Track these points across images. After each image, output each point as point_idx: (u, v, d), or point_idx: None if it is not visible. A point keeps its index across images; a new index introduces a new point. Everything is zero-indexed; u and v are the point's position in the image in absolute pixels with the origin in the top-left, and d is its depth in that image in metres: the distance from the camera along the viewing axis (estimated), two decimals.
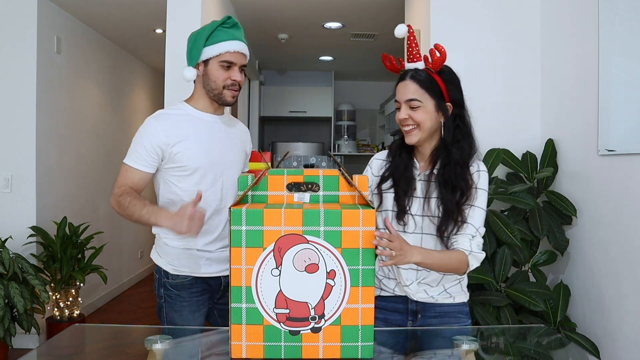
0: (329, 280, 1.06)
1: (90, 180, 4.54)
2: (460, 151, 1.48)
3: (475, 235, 1.47)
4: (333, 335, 1.07)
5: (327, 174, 1.14)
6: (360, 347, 1.08)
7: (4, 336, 2.93)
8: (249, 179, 1.14)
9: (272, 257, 1.05)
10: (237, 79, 1.73)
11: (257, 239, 1.05)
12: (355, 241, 1.05)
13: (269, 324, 1.07)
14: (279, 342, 1.07)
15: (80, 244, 3.70)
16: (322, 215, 1.04)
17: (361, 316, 1.07)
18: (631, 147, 2.06)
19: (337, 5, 3.86)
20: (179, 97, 2.86)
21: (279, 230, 1.04)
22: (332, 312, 1.07)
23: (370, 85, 6.98)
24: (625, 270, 2.08)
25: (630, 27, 2.10)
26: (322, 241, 1.05)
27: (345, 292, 1.06)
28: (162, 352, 1.25)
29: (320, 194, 1.14)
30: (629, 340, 2.05)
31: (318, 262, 1.05)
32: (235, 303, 1.06)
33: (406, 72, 1.52)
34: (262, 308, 1.06)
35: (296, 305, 1.06)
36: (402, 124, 1.51)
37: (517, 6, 2.78)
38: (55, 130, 3.87)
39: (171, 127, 1.70)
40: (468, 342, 1.34)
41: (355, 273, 1.06)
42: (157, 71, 6.24)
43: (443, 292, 1.54)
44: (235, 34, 1.72)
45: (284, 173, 1.14)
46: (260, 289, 1.06)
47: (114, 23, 4.31)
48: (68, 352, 1.39)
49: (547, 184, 2.55)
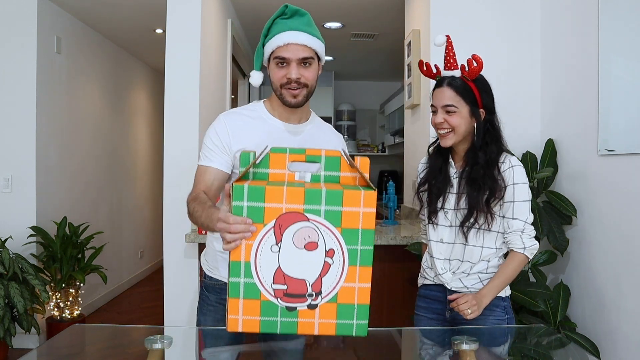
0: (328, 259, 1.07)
1: (91, 180, 4.54)
2: (487, 154, 1.61)
3: (524, 228, 1.61)
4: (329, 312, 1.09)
5: (329, 154, 1.15)
6: (355, 325, 1.09)
7: (4, 336, 2.93)
8: (251, 156, 1.14)
9: (273, 233, 1.06)
10: (292, 77, 1.48)
11: (258, 215, 1.05)
12: (356, 221, 1.06)
13: (266, 299, 1.08)
14: (276, 318, 1.09)
15: (80, 244, 3.70)
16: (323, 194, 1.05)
17: (357, 295, 1.08)
18: (631, 147, 2.06)
19: (337, 5, 3.86)
20: (179, 97, 2.88)
21: (281, 207, 1.05)
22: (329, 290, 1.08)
23: (370, 85, 6.98)
24: (626, 270, 2.08)
25: (630, 27, 2.10)
26: (323, 220, 1.06)
27: (343, 271, 1.07)
28: (162, 352, 1.25)
29: (322, 174, 1.15)
30: (629, 340, 2.05)
31: (317, 241, 1.06)
32: (233, 277, 1.07)
33: (443, 79, 1.66)
34: (260, 283, 1.07)
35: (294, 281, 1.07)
36: (437, 128, 1.65)
37: (517, 6, 2.78)
38: (55, 130, 3.87)
39: (237, 128, 1.54)
40: (468, 342, 1.34)
41: (354, 253, 1.07)
42: (157, 71, 6.24)
43: (478, 282, 1.65)
44: (290, 24, 1.47)
45: (286, 151, 1.14)
46: (259, 264, 1.07)
47: (114, 23, 4.31)
48: (68, 352, 1.39)
49: (547, 184, 2.55)
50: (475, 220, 1.60)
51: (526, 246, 1.60)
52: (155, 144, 6.29)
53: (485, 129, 1.63)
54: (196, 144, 2.81)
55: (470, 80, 1.61)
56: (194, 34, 2.85)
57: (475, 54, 1.58)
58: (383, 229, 2.90)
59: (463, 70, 1.62)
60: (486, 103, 1.63)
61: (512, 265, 1.61)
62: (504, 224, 1.63)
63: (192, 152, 2.78)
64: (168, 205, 2.81)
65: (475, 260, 1.64)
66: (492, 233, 1.63)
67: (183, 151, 2.81)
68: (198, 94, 2.85)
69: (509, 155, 1.65)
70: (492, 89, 1.67)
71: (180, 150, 2.82)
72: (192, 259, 2.78)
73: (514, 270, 1.61)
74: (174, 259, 2.80)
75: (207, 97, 3.07)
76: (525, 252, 1.61)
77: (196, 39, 2.85)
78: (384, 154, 6.74)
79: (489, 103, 1.64)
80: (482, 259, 1.64)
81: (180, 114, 2.84)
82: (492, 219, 1.60)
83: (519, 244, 1.61)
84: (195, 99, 2.85)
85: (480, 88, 1.63)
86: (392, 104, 5.82)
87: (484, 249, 1.63)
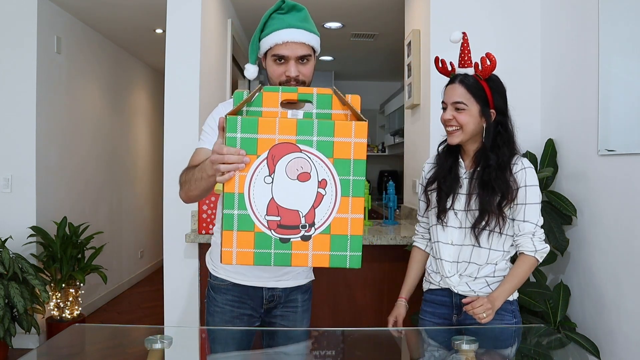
0: (320, 190, 1.07)
1: (91, 180, 4.54)
2: (498, 156, 1.59)
3: (535, 231, 1.59)
4: (322, 244, 1.09)
5: (321, 92, 1.15)
6: (348, 256, 1.09)
7: (4, 336, 2.93)
8: (244, 94, 1.14)
9: (265, 164, 1.07)
10: (291, 75, 1.48)
11: (251, 146, 1.06)
12: (347, 152, 1.07)
13: (260, 231, 1.08)
14: (269, 250, 1.09)
15: (80, 244, 3.70)
16: (315, 125, 1.06)
17: (350, 226, 1.09)
18: (631, 147, 2.06)
19: (337, 5, 3.86)
20: (179, 97, 2.88)
21: (273, 138, 1.06)
22: (322, 220, 1.08)
23: (370, 85, 6.98)
24: (626, 270, 2.08)
25: (630, 27, 2.10)
26: (315, 151, 1.07)
27: (336, 201, 1.08)
28: (162, 352, 1.25)
29: (314, 112, 1.15)
30: (629, 340, 2.05)
31: (310, 171, 1.07)
32: (227, 209, 1.08)
33: (456, 76, 1.63)
34: (254, 215, 1.08)
35: (287, 213, 1.08)
36: (446, 124, 1.63)
37: (517, 6, 2.78)
38: (55, 130, 3.87)
39: None
40: (468, 342, 1.34)
41: (346, 183, 1.08)
42: (157, 71, 6.24)
43: (485, 287, 1.62)
44: (288, 21, 1.46)
45: (278, 90, 1.14)
46: (253, 196, 1.07)
47: (114, 23, 4.31)
48: (68, 352, 1.39)
49: (547, 184, 2.55)
50: (487, 223, 1.57)
51: (537, 249, 1.59)
52: (155, 144, 6.28)
53: (497, 131, 1.60)
54: (196, 143, 2.80)
55: (483, 79, 1.59)
56: (194, 34, 2.85)
57: (489, 52, 1.56)
58: (383, 229, 2.90)
59: (476, 69, 1.59)
60: (498, 104, 1.60)
61: (522, 268, 1.59)
62: (514, 226, 1.61)
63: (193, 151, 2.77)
64: (168, 205, 2.81)
65: (482, 262, 1.62)
66: (502, 236, 1.61)
67: (183, 151, 2.80)
68: (198, 94, 2.85)
69: (520, 157, 1.63)
70: (506, 91, 1.63)
71: (180, 150, 2.81)
72: (192, 259, 2.78)
73: (524, 273, 1.59)
74: (174, 259, 2.80)
75: (207, 97, 3.07)
76: (536, 255, 1.59)
77: (196, 39, 2.85)
78: (384, 154, 6.74)
79: (501, 104, 1.61)
80: (489, 261, 1.62)
81: (180, 114, 2.84)
82: (504, 222, 1.58)
83: (530, 247, 1.59)
84: (195, 99, 2.85)
85: (493, 88, 1.60)
86: (392, 104, 5.82)
87: (491, 252, 1.61)
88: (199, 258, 2.75)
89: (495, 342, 1.57)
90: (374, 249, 2.60)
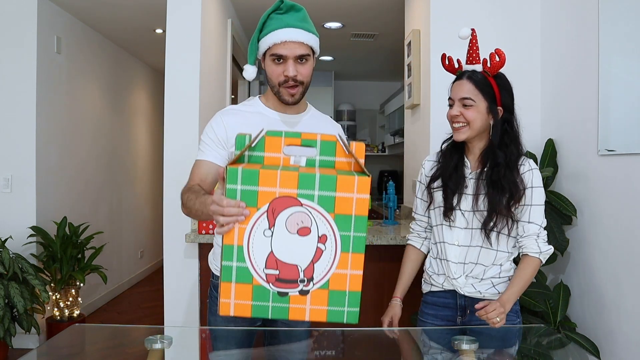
0: (320, 245, 1.06)
1: (91, 180, 4.54)
2: (507, 154, 1.57)
3: (540, 232, 1.59)
4: (320, 298, 1.08)
5: (325, 138, 1.14)
6: (346, 312, 1.08)
7: (4, 336, 2.93)
8: (246, 138, 1.13)
9: (266, 217, 1.06)
10: (289, 74, 1.48)
11: (251, 198, 1.05)
12: (349, 208, 1.05)
13: (258, 284, 1.08)
14: (267, 302, 1.08)
15: (80, 244, 3.70)
16: (317, 179, 1.05)
17: (349, 282, 1.08)
18: (631, 147, 2.06)
19: (337, 5, 3.86)
20: (179, 97, 2.89)
21: (274, 191, 1.05)
22: (321, 276, 1.07)
23: (370, 85, 6.98)
24: (625, 270, 2.08)
25: (630, 27, 2.10)
26: (316, 205, 1.05)
27: (336, 257, 1.07)
28: (162, 352, 1.25)
29: (317, 159, 1.14)
30: (629, 340, 2.05)
31: (310, 226, 1.05)
32: (226, 261, 1.07)
33: (464, 72, 1.62)
34: (253, 268, 1.07)
35: (286, 267, 1.07)
36: (452, 121, 1.60)
37: (517, 6, 2.78)
38: (55, 130, 3.87)
39: (234, 123, 1.55)
40: (468, 342, 1.34)
41: (347, 239, 1.06)
42: (157, 71, 6.24)
43: (491, 287, 1.62)
44: (287, 20, 1.46)
45: (281, 135, 1.13)
46: (252, 248, 1.07)
47: (114, 23, 4.31)
48: (68, 352, 1.39)
49: (547, 184, 2.55)
50: (495, 223, 1.56)
51: (542, 250, 1.58)
52: (155, 144, 6.28)
53: (504, 129, 1.59)
54: (196, 144, 2.80)
55: (491, 75, 1.58)
56: (194, 34, 2.85)
57: (498, 49, 1.54)
58: (383, 229, 2.90)
59: (484, 65, 1.58)
60: (505, 101, 1.59)
61: (528, 270, 1.59)
62: (519, 227, 1.61)
63: (192, 152, 2.76)
64: (168, 205, 2.81)
65: (489, 263, 1.61)
66: (509, 237, 1.61)
67: (183, 151, 2.81)
68: (198, 94, 2.85)
69: (526, 158, 1.62)
70: (512, 89, 1.62)
71: (180, 150, 2.82)
72: (192, 259, 2.78)
73: (530, 275, 1.59)
74: (174, 259, 2.80)
75: (207, 97, 3.07)
76: (540, 257, 1.59)
77: (196, 39, 2.85)
78: (384, 154, 6.74)
79: (508, 102, 1.60)
80: (495, 262, 1.61)
81: (180, 114, 2.84)
82: (512, 222, 1.58)
83: (535, 248, 1.58)
84: (195, 99, 2.85)
85: (501, 85, 1.59)
86: (392, 104, 5.82)
87: (499, 253, 1.61)
88: (199, 258, 2.75)
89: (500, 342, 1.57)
90: (374, 249, 2.60)
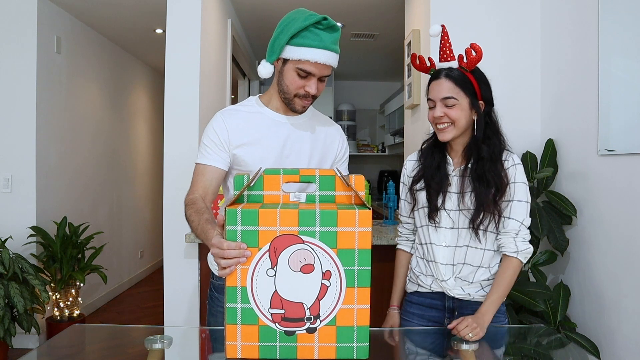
0: (325, 281, 1.05)
1: (91, 180, 4.54)
2: (490, 147, 1.53)
3: (519, 230, 1.53)
4: (328, 335, 1.07)
5: (324, 173, 1.14)
6: (355, 347, 1.07)
7: (4, 336, 2.93)
8: (244, 178, 1.13)
9: (268, 257, 1.05)
10: (311, 92, 1.49)
11: (252, 239, 1.04)
12: (351, 242, 1.04)
13: (264, 324, 1.07)
14: (274, 343, 1.07)
15: (80, 244, 3.70)
16: (317, 215, 1.03)
17: (357, 317, 1.07)
18: (631, 147, 2.06)
19: (337, 5, 3.86)
20: (179, 97, 2.89)
21: (275, 230, 1.04)
22: (327, 312, 1.06)
23: (370, 85, 6.99)
24: (625, 270, 2.08)
25: (630, 27, 2.10)
26: (318, 241, 1.04)
27: (341, 292, 1.06)
28: (162, 352, 1.25)
29: (317, 194, 1.14)
30: (629, 340, 2.05)
31: (314, 263, 1.04)
32: (230, 303, 1.06)
33: (439, 70, 1.56)
34: (257, 308, 1.06)
35: (291, 305, 1.06)
36: (436, 122, 1.55)
37: (517, 6, 2.78)
38: (55, 130, 3.88)
39: (237, 125, 1.54)
40: (468, 342, 1.34)
41: (351, 274, 1.05)
42: (157, 71, 6.24)
43: (480, 290, 1.58)
44: (325, 41, 1.45)
45: (280, 172, 1.13)
46: (256, 289, 1.06)
47: (114, 23, 4.31)
48: (68, 352, 1.39)
49: (547, 184, 2.55)
50: (483, 218, 1.51)
51: (520, 249, 1.51)
52: (155, 144, 6.28)
53: (485, 122, 1.55)
54: (196, 144, 2.81)
55: (469, 71, 1.53)
56: (194, 34, 2.86)
57: (474, 43, 1.51)
58: (383, 228, 2.90)
59: (461, 61, 1.54)
60: (485, 94, 1.55)
61: (507, 274, 1.52)
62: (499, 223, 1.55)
63: (192, 152, 2.78)
64: (168, 205, 2.81)
65: (476, 263, 1.57)
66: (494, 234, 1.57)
67: (183, 151, 2.81)
68: (198, 94, 2.86)
69: (510, 152, 1.58)
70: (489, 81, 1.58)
71: (180, 150, 2.82)
72: (192, 259, 2.78)
73: (510, 278, 1.52)
74: (174, 259, 2.80)
75: (207, 97, 3.07)
76: (518, 256, 1.52)
77: (196, 39, 2.86)
78: (384, 154, 6.74)
79: (487, 94, 1.55)
80: (482, 263, 1.57)
81: (180, 114, 2.84)
82: (499, 217, 1.52)
83: (512, 247, 1.52)
84: (195, 99, 2.85)
85: (479, 79, 1.54)
86: (392, 104, 5.82)
87: (485, 252, 1.57)
88: (199, 258, 2.75)
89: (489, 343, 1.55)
90: (374, 249, 2.59)
